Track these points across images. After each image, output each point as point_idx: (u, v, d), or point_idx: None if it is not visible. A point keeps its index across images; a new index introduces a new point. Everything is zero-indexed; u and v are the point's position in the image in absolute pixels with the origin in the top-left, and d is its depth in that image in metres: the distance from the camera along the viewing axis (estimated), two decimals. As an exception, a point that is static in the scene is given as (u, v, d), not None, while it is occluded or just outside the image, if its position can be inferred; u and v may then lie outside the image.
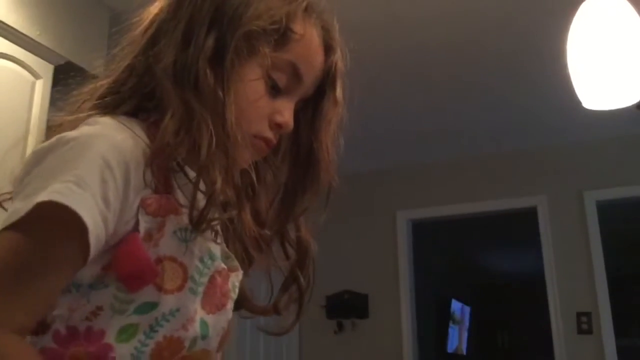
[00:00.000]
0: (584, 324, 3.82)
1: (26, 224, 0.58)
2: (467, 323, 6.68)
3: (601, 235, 3.93)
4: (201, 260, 0.69)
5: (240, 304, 0.82)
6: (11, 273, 0.58)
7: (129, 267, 0.64)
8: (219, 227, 0.73)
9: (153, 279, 0.64)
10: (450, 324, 6.19)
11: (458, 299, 6.41)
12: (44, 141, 0.68)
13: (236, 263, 0.76)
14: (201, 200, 0.67)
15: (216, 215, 0.69)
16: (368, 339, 4.28)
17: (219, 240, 0.74)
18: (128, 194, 0.64)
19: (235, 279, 0.76)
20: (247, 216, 0.75)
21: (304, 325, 4.36)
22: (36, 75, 2.33)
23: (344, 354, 4.25)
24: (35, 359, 0.60)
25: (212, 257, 0.70)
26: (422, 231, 4.65)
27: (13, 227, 0.58)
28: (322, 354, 4.30)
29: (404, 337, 4.23)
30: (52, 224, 0.59)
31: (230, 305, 0.74)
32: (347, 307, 4.36)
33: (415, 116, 3.82)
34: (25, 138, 2.16)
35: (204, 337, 0.70)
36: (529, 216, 4.20)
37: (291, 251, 0.82)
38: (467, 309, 6.68)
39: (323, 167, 0.80)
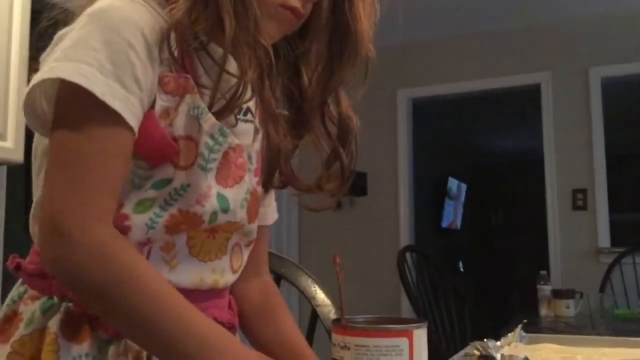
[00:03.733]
0: (579, 200, 3.89)
1: (71, 120, 0.62)
2: (462, 199, 6.82)
3: (603, 113, 3.89)
4: (211, 136, 0.69)
5: (288, 181, 0.85)
6: (79, 170, 0.62)
7: (149, 143, 0.66)
8: (251, 104, 0.73)
9: (173, 156, 0.67)
10: (446, 200, 6.32)
11: (455, 177, 6.50)
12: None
13: (258, 135, 0.77)
14: (225, 82, 0.68)
15: (237, 102, 0.69)
16: (366, 215, 4.37)
17: (249, 117, 0.75)
18: (154, 68, 0.65)
19: (251, 150, 0.77)
20: (268, 95, 0.75)
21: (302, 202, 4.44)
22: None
23: (342, 230, 4.36)
24: (133, 250, 0.64)
25: (223, 134, 0.70)
26: (423, 109, 4.60)
27: (59, 126, 0.63)
28: (321, 231, 4.41)
29: (401, 213, 4.32)
30: (95, 116, 0.62)
31: (247, 177, 0.76)
32: (346, 185, 4.41)
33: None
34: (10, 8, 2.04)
35: (225, 210, 0.72)
36: (532, 94, 4.14)
37: (332, 128, 0.82)
38: (464, 186, 6.80)
39: (358, 38, 0.78)
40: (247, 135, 0.76)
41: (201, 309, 0.72)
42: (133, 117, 0.63)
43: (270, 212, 0.91)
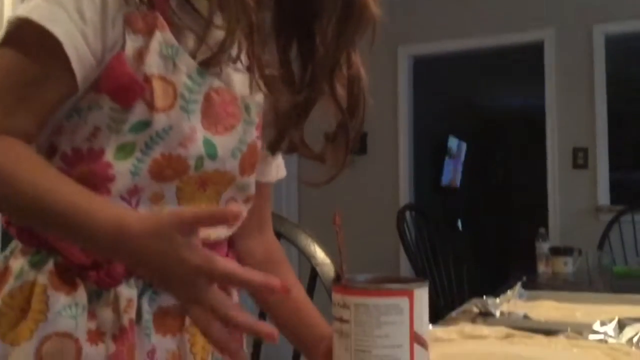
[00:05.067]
0: (580, 159, 3.88)
1: (9, 41, 0.63)
2: (462, 158, 6.81)
3: (606, 71, 3.85)
4: (189, 77, 0.69)
5: (295, 148, 0.84)
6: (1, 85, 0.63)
7: (114, 81, 0.66)
8: (242, 55, 0.72)
9: (140, 92, 0.66)
10: (446, 159, 6.31)
11: (455, 136, 6.47)
12: None
13: (260, 90, 0.76)
14: (209, 33, 0.67)
15: (223, 56, 0.68)
16: (366, 174, 4.37)
17: (239, 66, 0.73)
18: (106, 7, 0.64)
19: (251, 102, 0.76)
20: (258, 52, 0.73)
21: (302, 164, 4.43)
22: None
23: (341, 189, 4.36)
24: (33, 158, 0.63)
25: (201, 74, 0.69)
26: (423, 67, 4.55)
27: (1, 44, 0.63)
28: (320, 190, 4.41)
29: (401, 172, 4.32)
30: (28, 40, 0.63)
31: (242, 127, 0.75)
32: (346, 145, 4.38)
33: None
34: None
35: (212, 156, 0.71)
36: (535, 51, 4.08)
37: (343, 98, 0.80)
38: (464, 145, 6.78)
39: (362, 2, 0.77)
40: (238, 84, 0.75)
41: None
42: (71, 45, 0.62)
43: (273, 169, 0.91)
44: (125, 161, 0.67)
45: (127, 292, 0.70)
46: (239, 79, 0.75)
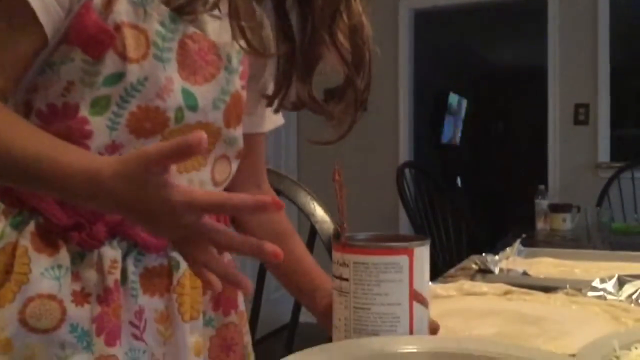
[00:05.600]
0: (581, 115, 3.85)
1: None
2: (462, 115, 6.76)
3: (610, 26, 3.78)
4: (162, 24, 0.66)
5: (303, 104, 0.82)
6: None
7: (83, 32, 0.64)
8: (221, 3, 0.69)
9: (111, 42, 0.64)
10: (446, 116, 6.27)
11: (456, 92, 6.41)
12: None
13: (239, 41, 0.72)
14: None
15: (199, 3, 0.66)
16: (365, 131, 4.34)
17: (216, 13, 0.70)
18: None
19: (231, 50, 0.74)
20: (236, 2, 0.69)
21: (301, 121, 4.40)
22: None
23: (341, 146, 4.33)
24: (3, 112, 0.59)
25: (173, 21, 0.67)
26: (424, 22, 4.47)
27: None
28: (320, 146, 4.39)
29: (401, 129, 4.29)
30: None
31: (223, 76, 0.72)
32: (345, 101, 4.34)
33: None
34: None
35: (192, 107, 0.69)
36: (538, 5, 4.00)
37: (346, 52, 0.77)
38: (464, 102, 6.72)
39: None
40: (216, 31, 0.73)
41: None
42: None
43: (267, 118, 0.89)
44: (102, 116, 0.66)
45: (111, 253, 0.69)
46: (216, 26, 0.73)
